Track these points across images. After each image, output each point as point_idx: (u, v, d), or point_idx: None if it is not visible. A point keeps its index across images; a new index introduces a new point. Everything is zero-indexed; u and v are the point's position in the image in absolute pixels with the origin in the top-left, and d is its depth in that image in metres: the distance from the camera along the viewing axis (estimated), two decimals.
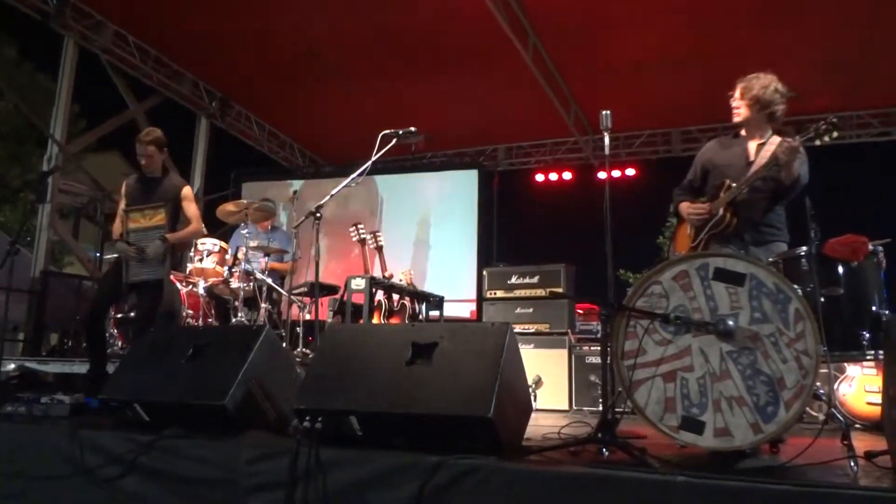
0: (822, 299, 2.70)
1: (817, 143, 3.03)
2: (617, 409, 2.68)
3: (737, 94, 3.55)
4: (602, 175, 9.75)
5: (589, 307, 7.64)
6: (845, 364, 4.79)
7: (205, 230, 5.17)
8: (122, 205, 4.84)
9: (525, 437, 2.81)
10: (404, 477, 2.31)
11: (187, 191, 4.91)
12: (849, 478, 2.13)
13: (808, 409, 4.47)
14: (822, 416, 4.01)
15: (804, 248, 2.86)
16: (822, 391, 2.49)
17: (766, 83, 3.47)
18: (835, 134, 2.97)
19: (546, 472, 2.20)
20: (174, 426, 2.88)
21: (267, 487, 2.55)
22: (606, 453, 2.44)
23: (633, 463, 2.31)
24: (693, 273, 2.50)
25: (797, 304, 2.33)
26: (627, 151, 10.45)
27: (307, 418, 2.60)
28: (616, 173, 10.31)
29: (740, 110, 3.53)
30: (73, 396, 3.75)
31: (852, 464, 2.20)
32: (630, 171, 10.37)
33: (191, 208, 4.87)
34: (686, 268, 2.52)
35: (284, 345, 5.28)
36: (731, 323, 2.39)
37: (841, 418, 2.73)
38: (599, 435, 2.48)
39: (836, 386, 4.62)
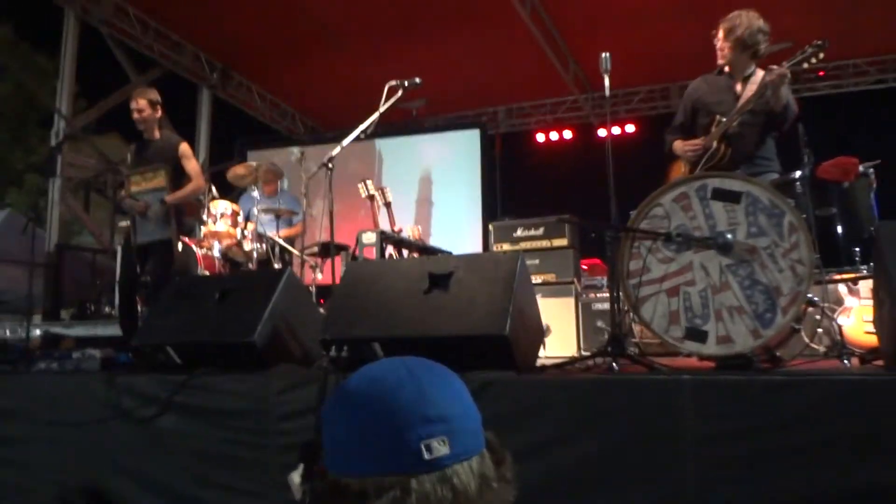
0: (816, 218, 2.83)
1: (805, 66, 3.13)
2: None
3: (720, 34, 3.53)
4: (602, 132, 9.85)
5: (594, 262, 7.76)
6: (843, 296, 4.94)
7: (205, 186, 5.20)
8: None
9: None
10: None
11: (184, 147, 4.90)
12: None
13: (808, 342, 4.61)
14: (822, 349, 4.16)
15: (798, 172, 2.99)
16: (815, 297, 2.63)
17: (748, 24, 3.44)
18: (821, 55, 3.05)
19: (560, 379, 2.37)
20: (205, 366, 3.05)
21: (297, 414, 2.70)
22: (617, 368, 2.58)
23: (643, 372, 2.48)
24: (692, 194, 2.64)
25: (791, 218, 2.47)
26: (626, 108, 10.51)
27: (333, 347, 2.76)
28: (616, 130, 10.36)
29: (724, 52, 3.53)
30: (103, 350, 3.91)
31: (846, 361, 2.35)
32: (630, 128, 10.43)
33: (190, 164, 4.87)
34: (686, 189, 2.66)
35: None
36: (729, 237, 2.53)
37: (839, 337, 2.87)
38: (609, 349, 2.64)
39: (835, 318, 4.76)
